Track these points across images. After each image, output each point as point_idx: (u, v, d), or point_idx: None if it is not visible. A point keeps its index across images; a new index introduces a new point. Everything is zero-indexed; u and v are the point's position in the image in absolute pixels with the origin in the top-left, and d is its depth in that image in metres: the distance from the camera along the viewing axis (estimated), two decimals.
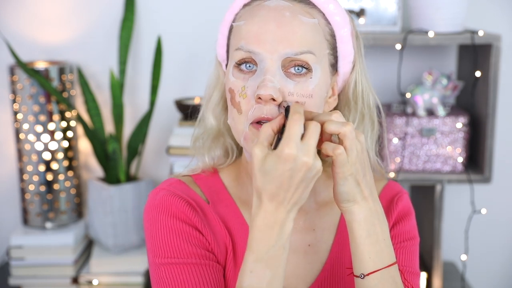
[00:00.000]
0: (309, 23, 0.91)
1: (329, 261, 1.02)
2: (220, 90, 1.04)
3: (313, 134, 0.80)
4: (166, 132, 2.05)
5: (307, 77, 0.91)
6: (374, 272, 0.88)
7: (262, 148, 0.81)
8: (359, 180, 0.87)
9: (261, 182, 0.80)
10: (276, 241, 0.82)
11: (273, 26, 0.89)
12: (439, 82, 1.78)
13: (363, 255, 0.88)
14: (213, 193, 1.02)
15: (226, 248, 0.98)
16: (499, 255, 2.15)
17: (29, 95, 1.86)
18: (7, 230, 2.10)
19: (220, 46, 1.01)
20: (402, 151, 1.78)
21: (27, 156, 1.89)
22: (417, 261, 1.05)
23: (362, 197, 0.88)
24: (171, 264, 0.94)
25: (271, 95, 0.87)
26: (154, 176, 2.09)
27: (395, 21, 1.79)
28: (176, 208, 0.96)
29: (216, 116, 1.04)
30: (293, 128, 0.79)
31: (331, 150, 0.84)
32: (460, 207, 2.02)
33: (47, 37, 2.03)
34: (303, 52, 0.90)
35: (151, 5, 2.01)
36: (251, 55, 0.90)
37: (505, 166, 2.04)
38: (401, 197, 1.06)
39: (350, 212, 0.88)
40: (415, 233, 1.06)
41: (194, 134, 1.07)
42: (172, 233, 0.95)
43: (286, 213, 0.81)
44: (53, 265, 1.87)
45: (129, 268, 1.86)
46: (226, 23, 0.99)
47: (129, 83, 2.04)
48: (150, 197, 1.01)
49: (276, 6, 0.91)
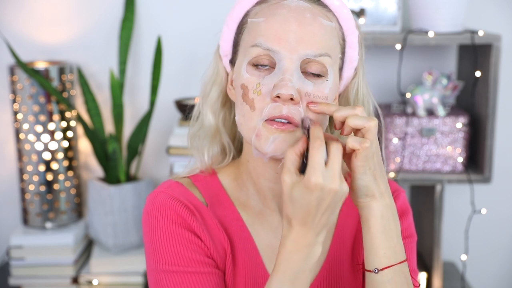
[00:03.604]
0: (328, 26, 0.92)
1: (328, 260, 1.02)
2: (219, 86, 1.03)
3: (336, 158, 0.81)
4: (166, 132, 2.05)
5: (323, 80, 0.91)
6: (388, 268, 0.88)
7: (291, 175, 0.82)
8: (376, 176, 0.88)
9: (291, 209, 0.82)
10: (304, 264, 0.84)
11: (294, 26, 0.89)
12: (439, 82, 1.78)
13: (378, 250, 0.89)
14: (211, 195, 1.02)
15: (225, 252, 0.98)
16: (499, 255, 2.15)
17: (29, 95, 1.86)
18: (7, 230, 2.10)
19: (225, 40, 1.00)
20: (402, 151, 1.78)
21: (27, 156, 1.89)
22: (415, 259, 1.05)
23: (379, 193, 0.88)
24: (171, 272, 0.93)
25: (292, 94, 0.87)
26: (154, 176, 2.09)
27: (395, 21, 1.79)
28: (175, 212, 0.96)
29: (214, 113, 1.03)
30: (316, 156, 0.80)
31: (359, 144, 0.85)
32: (460, 207, 2.02)
33: (47, 37, 2.03)
34: (322, 54, 0.91)
35: (151, 5, 2.01)
36: (269, 53, 0.90)
37: (505, 166, 2.04)
38: (398, 196, 1.06)
39: (368, 207, 0.89)
40: (413, 231, 1.06)
41: (191, 132, 1.06)
42: (171, 239, 0.94)
43: (315, 236, 0.83)
44: (53, 265, 1.87)
45: (129, 268, 1.86)
46: (235, 18, 0.98)
47: (129, 83, 2.04)
48: (148, 200, 1.00)
49: (296, 6, 0.91)
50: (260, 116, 0.90)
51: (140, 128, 1.92)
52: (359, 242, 1.03)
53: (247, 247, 0.99)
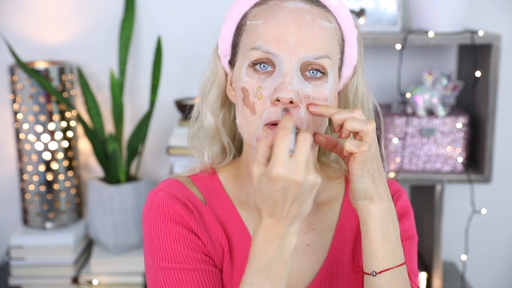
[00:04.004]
0: (328, 28, 0.92)
1: (328, 261, 1.01)
2: (218, 86, 1.02)
3: (301, 148, 0.78)
4: (166, 132, 2.05)
5: (322, 81, 0.91)
6: (386, 271, 0.88)
7: (259, 167, 0.80)
8: (375, 178, 0.87)
9: (259, 200, 0.81)
10: (276, 255, 0.82)
11: (294, 28, 0.89)
12: (439, 82, 1.78)
13: (377, 253, 0.88)
14: (211, 194, 1.02)
15: (223, 250, 0.98)
16: (499, 255, 2.15)
17: (29, 95, 1.86)
18: (7, 230, 2.10)
19: (224, 41, 0.99)
20: (402, 151, 1.78)
21: (27, 156, 1.89)
22: (416, 260, 1.05)
23: (378, 196, 0.88)
24: (168, 269, 0.94)
25: (291, 98, 0.87)
26: (154, 176, 2.09)
27: (395, 21, 1.79)
28: (173, 210, 0.96)
29: (214, 113, 1.03)
30: (278, 147, 0.77)
31: (356, 147, 0.85)
32: (460, 207, 2.02)
33: (47, 37, 2.03)
34: (322, 56, 0.90)
35: (151, 5, 2.01)
36: (269, 56, 0.90)
37: (505, 166, 2.04)
38: (400, 196, 1.06)
39: (367, 210, 0.89)
40: (414, 232, 1.06)
41: (190, 132, 1.06)
42: (169, 237, 0.95)
43: (285, 228, 0.82)
44: (53, 265, 1.88)
45: (129, 268, 1.86)
46: (234, 19, 0.97)
47: (129, 83, 2.04)
48: (148, 198, 1.00)
49: (295, 8, 0.91)
50: (260, 119, 0.90)
51: (140, 128, 1.92)
52: (360, 242, 1.03)
53: (245, 245, 0.99)
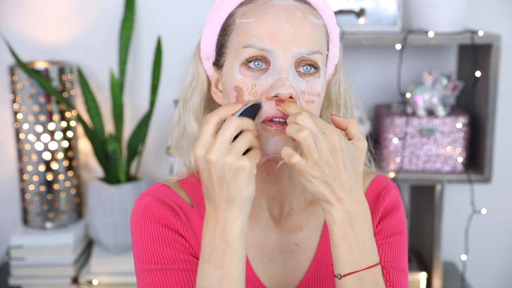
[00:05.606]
0: (317, 24, 0.92)
1: (316, 260, 1.01)
2: (201, 90, 1.02)
3: (223, 130, 0.83)
4: (166, 132, 2.05)
5: (315, 77, 0.91)
6: (350, 274, 0.86)
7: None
8: (328, 182, 0.84)
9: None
10: (219, 240, 0.84)
11: (286, 24, 0.89)
12: (439, 82, 1.78)
13: (340, 256, 0.87)
14: (198, 197, 1.02)
15: None
16: (499, 255, 2.15)
17: (29, 95, 1.86)
18: (7, 230, 2.10)
19: (207, 43, 0.99)
20: (402, 151, 1.78)
21: (27, 156, 1.89)
22: (405, 257, 1.03)
23: (336, 199, 0.85)
24: (155, 270, 0.94)
25: (291, 93, 0.87)
26: (154, 176, 2.09)
27: (395, 21, 1.79)
28: (160, 213, 0.97)
29: (197, 118, 1.02)
30: (202, 131, 0.84)
31: (287, 158, 0.84)
32: (460, 207, 2.02)
33: (47, 37, 2.03)
34: (315, 52, 0.91)
35: (151, 5, 2.01)
36: (263, 53, 0.90)
37: (505, 166, 2.04)
38: (388, 191, 1.05)
39: (327, 212, 0.87)
40: (403, 227, 1.04)
41: (174, 138, 1.05)
42: (156, 239, 0.96)
43: (222, 213, 0.84)
44: (53, 265, 1.88)
45: (129, 268, 1.86)
46: (218, 20, 0.97)
47: (129, 83, 2.04)
48: (135, 202, 1.02)
49: (286, 5, 0.91)
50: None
51: (140, 128, 1.92)
52: None
53: None
